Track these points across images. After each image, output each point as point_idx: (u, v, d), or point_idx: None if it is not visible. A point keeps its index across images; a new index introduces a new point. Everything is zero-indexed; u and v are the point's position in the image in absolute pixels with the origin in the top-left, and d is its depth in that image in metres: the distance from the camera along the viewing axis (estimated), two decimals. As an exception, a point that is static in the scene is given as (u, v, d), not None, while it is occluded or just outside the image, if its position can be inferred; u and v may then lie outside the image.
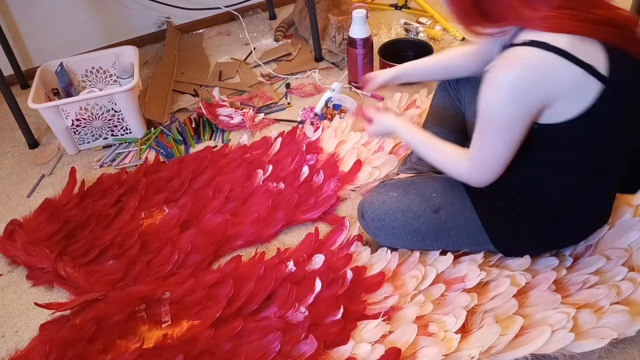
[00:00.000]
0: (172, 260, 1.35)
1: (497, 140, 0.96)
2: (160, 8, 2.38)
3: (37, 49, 2.25)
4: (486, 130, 0.96)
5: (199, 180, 1.61)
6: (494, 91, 0.90)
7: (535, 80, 0.86)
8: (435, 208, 1.18)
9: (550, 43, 0.85)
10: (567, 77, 0.86)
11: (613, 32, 0.87)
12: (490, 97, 0.91)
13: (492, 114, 0.93)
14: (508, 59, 0.88)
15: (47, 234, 1.45)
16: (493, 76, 0.90)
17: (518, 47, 0.88)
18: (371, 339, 1.12)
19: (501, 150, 0.97)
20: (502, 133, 0.94)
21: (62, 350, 1.15)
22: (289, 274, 1.28)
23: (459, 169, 1.07)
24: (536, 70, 0.86)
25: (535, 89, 0.87)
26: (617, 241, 1.22)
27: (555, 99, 0.89)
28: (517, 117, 0.91)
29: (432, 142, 1.13)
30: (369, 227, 1.26)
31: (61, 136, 1.77)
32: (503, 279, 1.17)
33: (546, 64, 0.86)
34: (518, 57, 0.87)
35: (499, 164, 0.99)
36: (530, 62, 0.86)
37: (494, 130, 0.95)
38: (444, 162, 1.11)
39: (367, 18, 1.84)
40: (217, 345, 1.14)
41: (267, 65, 2.18)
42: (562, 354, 1.05)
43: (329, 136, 1.72)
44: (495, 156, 0.98)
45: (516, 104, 0.89)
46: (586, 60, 0.85)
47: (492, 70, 0.91)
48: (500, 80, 0.88)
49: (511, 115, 0.91)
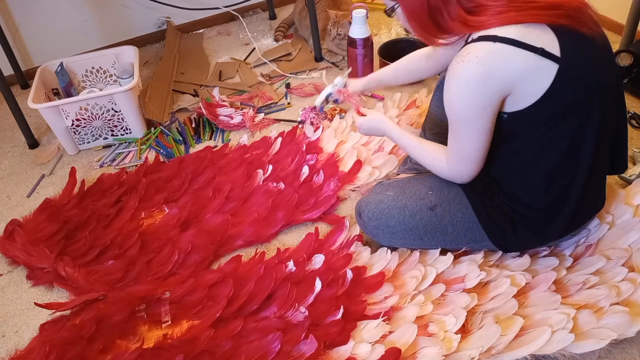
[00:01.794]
0: (172, 260, 1.35)
1: (466, 133, 1.01)
2: (160, 8, 2.38)
3: (37, 49, 2.25)
4: (455, 125, 1.02)
5: (199, 180, 1.61)
6: (452, 87, 0.97)
7: (488, 70, 0.92)
8: (431, 205, 1.18)
9: (498, 35, 0.91)
10: (518, 63, 0.91)
11: (560, 14, 0.91)
12: (451, 93, 0.98)
13: (455, 108, 0.99)
14: (461, 55, 0.95)
15: (47, 234, 1.45)
16: (450, 73, 0.97)
17: (470, 44, 0.95)
18: (371, 339, 1.12)
19: (473, 142, 1.02)
20: (469, 125, 1.00)
21: (62, 350, 1.15)
22: (289, 274, 1.28)
23: (441, 167, 1.13)
24: (487, 61, 0.92)
25: (490, 78, 0.93)
26: (617, 241, 1.22)
27: (513, 85, 0.94)
28: (478, 107, 0.96)
29: (417, 142, 1.19)
30: (366, 226, 1.27)
31: (61, 136, 1.77)
32: (503, 279, 1.17)
33: (496, 54, 0.91)
34: (470, 52, 0.93)
35: (474, 156, 1.04)
36: (481, 55, 0.92)
37: (461, 124, 1.01)
38: (429, 161, 1.17)
39: (367, 18, 1.84)
40: (217, 345, 1.14)
41: (269, 65, 2.18)
42: (562, 354, 1.05)
43: (329, 136, 1.72)
44: (468, 149, 1.03)
45: (475, 95, 0.95)
46: (537, 44, 0.91)
47: (450, 68, 0.98)
48: (456, 76, 0.95)
49: (473, 106, 0.96)
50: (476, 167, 1.06)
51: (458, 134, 1.03)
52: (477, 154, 1.04)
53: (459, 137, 1.03)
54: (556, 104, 0.96)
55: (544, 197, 1.08)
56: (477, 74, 0.93)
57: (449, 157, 1.09)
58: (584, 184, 1.07)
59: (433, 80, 1.96)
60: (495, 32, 0.92)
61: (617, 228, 1.24)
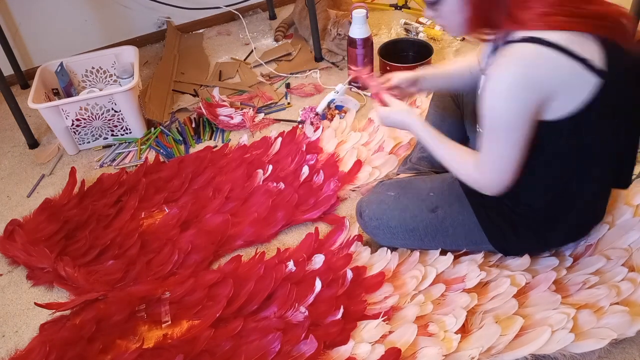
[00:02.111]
0: (172, 260, 1.35)
1: (505, 140, 0.94)
2: (160, 8, 2.38)
3: (37, 49, 2.25)
4: (492, 132, 0.95)
5: (199, 180, 1.61)
6: (496, 89, 0.90)
7: (535, 74, 0.87)
8: (432, 207, 1.18)
9: (547, 39, 0.86)
10: (564, 70, 0.87)
11: (606, 25, 0.88)
12: (493, 96, 0.91)
13: (496, 112, 0.92)
14: (506, 56, 0.88)
15: (47, 234, 1.45)
16: (493, 75, 0.90)
17: (515, 44, 0.88)
18: (371, 339, 1.12)
19: (509, 151, 0.94)
20: (508, 132, 0.93)
21: (62, 350, 1.15)
22: (289, 274, 1.28)
23: (469, 174, 1.04)
24: (535, 64, 0.87)
25: (535, 83, 0.87)
26: (617, 241, 1.22)
27: (555, 93, 0.89)
28: (520, 113, 0.90)
29: (445, 142, 1.10)
30: (366, 226, 1.27)
31: (61, 136, 1.77)
32: (503, 279, 1.17)
33: (544, 58, 0.86)
34: (516, 54, 0.88)
35: (509, 167, 0.96)
36: (529, 57, 0.87)
37: (500, 130, 0.93)
38: (456, 166, 1.08)
39: (367, 18, 1.84)
40: (217, 345, 1.14)
41: (268, 65, 2.18)
42: (562, 354, 1.05)
43: (329, 136, 1.72)
44: (503, 158, 0.96)
45: (518, 100, 0.89)
46: (582, 54, 0.86)
47: (491, 69, 0.91)
48: (501, 78, 0.88)
49: (514, 112, 0.90)
50: (509, 178, 0.98)
51: (495, 140, 0.95)
52: (513, 164, 0.96)
53: (496, 144, 0.95)
54: (589, 119, 0.92)
55: (544, 206, 1.07)
56: (524, 77, 0.87)
57: (480, 165, 1.00)
58: (592, 195, 1.07)
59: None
60: (541, 35, 0.86)
61: (617, 228, 1.24)
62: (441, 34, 2.24)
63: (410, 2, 2.51)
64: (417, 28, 2.27)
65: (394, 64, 1.93)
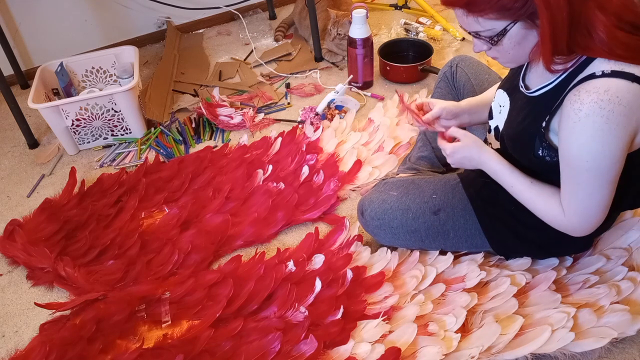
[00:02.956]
0: (172, 260, 1.35)
1: (598, 184, 0.88)
2: (160, 8, 2.38)
3: (37, 49, 2.25)
4: (581, 175, 0.88)
5: (199, 180, 1.61)
6: (587, 132, 0.83)
7: (629, 112, 0.82)
8: (435, 209, 1.18)
9: (635, 73, 0.81)
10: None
11: None
12: (584, 139, 0.84)
13: (587, 156, 0.85)
14: (594, 91, 0.82)
15: (47, 234, 1.45)
16: (580, 112, 0.83)
17: (601, 79, 0.82)
18: (371, 338, 1.12)
19: (602, 192, 0.89)
20: (600, 174, 0.87)
21: (62, 350, 1.15)
22: (289, 274, 1.27)
23: (556, 218, 0.98)
24: (628, 102, 0.81)
25: (629, 121, 0.82)
26: (617, 241, 1.22)
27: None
28: (615, 153, 0.85)
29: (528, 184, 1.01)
30: (368, 225, 1.27)
31: (61, 136, 1.77)
32: (503, 278, 1.17)
33: (636, 95, 0.81)
34: (606, 89, 0.81)
35: (601, 209, 0.91)
36: (621, 94, 0.81)
37: (591, 173, 0.87)
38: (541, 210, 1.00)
39: (367, 18, 1.84)
40: (217, 345, 1.14)
41: (268, 65, 2.18)
42: (562, 353, 1.05)
43: (329, 136, 1.72)
44: (595, 201, 0.90)
45: (611, 139, 0.83)
46: None
47: (575, 104, 0.84)
48: (593, 118, 0.82)
49: (609, 153, 0.84)
50: (600, 219, 0.93)
51: (587, 183, 0.88)
52: (605, 206, 0.91)
53: (588, 188, 0.88)
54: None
55: None
56: (619, 116, 0.81)
57: (569, 209, 0.94)
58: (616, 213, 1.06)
59: (432, 80, 1.96)
60: (630, 70, 0.81)
61: (617, 227, 1.24)
62: (441, 34, 2.24)
63: (410, 2, 2.51)
64: (417, 28, 2.27)
65: (394, 64, 1.93)
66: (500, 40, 0.88)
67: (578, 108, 0.83)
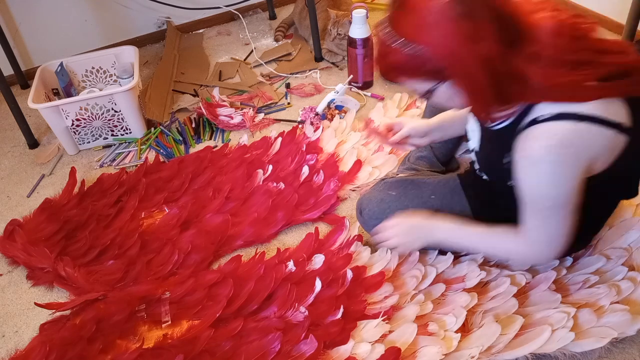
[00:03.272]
0: (172, 260, 1.35)
1: (558, 216, 0.91)
2: (160, 8, 2.38)
3: (37, 49, 2.25)
4: (542, 212, 0.92)
5: (199, 180, 1.61)
6: (540, 176, 0.86)
7: (577, 152, 0.84)
8: (433, 211, 1.18)
9: (580, 113, 0.82)
10: (603, 141, 0.85)
11: (628, 83, 0.84)
12: (538, 182, 0.87)
13: (546, 196, 0.88)
14: (541, 137, 0.84)
15: (47, 234, 1.45)
16: (531, 158, 0.85)
17: (547, 123, 0.84)
18: (371, 338, 1.12)
19: (563, 223, 0.92)
20: (560, 208, 0.90)
21: (62, 350, 1.15)
22: (289, 274, 1.27)
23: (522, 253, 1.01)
24: (574, 142, 0.83)
25: (579, 159, 0.85)
26: (617, 241, 1.21)
27: (595, 160, 0.87)
28: (571, 189, 0.88)
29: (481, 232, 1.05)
30: (366, 224, 1.27)
31: (61, 136, 1.77)
32: (503, 278, 1.17)
33: (582, 134, 0.83)
34: (553, 136, 0.83)
35: (563, 237, 0.95)
36: (567, 136, 0.82)
37: (552, 209, 0.90)
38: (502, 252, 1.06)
39: (367, 18, 1.84)
40: (217, 345, 1.14)
41: (268, 65, 2.18)
42: (562, 353, 1.05)
43: (329, 136, 1.72)
44: (559, 232, 0.94)
45: (567, 179, 0.86)
46: (615, 119, 0.84)
47: (525, 151, 0.86)
48: (543, 163, 0.84)
49: (564, 190, 0.87)
50: (565, 244, 0.96)
51: (549, 218, 0.92)
52: (567, 233, 0.94)
53: (550, 221, 0.92)
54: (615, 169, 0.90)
55: None
56: (568, 157, 0.83)
57: (534, 242, 0.97)
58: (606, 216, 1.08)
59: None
60: (574, 110, 0.82)
61: (617, 227, 1.24)
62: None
63: (410, 2, 2.51)
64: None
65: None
66: (431, 96, 0.90)
67: (527, 154, 0.86)
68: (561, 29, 0.82)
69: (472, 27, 0.78)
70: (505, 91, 0.83)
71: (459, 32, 0.78)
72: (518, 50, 0.81)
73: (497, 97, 0.84)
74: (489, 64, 0.79)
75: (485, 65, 0.80)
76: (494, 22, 0.78)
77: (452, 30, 0.79)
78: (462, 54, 0.79)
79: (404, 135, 1.23)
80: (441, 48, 0.80)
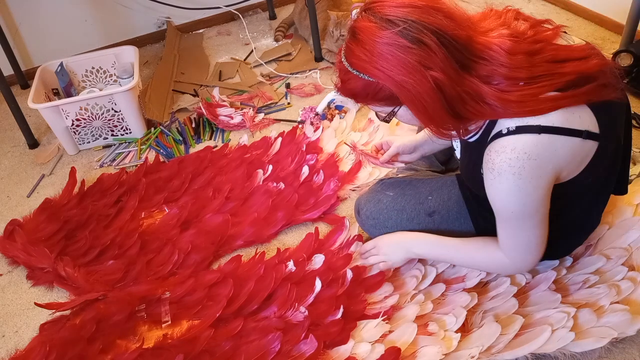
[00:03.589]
0: (172, 260, 1.35)
1: (530, 224, 0.93)
2: (160, 8, 2.38)
3: (37, 49, 2.25)
4: (511, 222, 0.94)
5: (199, 180, 1.61)
6: (504, 186, 0.87)
7: (540, 164, 0.84)
8: (430, 211, 1.18)
9: (539, 124, 0.83)
10: (567, 150, 0.85)
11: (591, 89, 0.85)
12: (503, 193, 0.88)
13: (512, 207, 0.90)
14: (504, 151, 0.85)
15: (47, 234, 1.45)
16: (496, 171, 0.86)
17: (507, 138, 0.85)
18: (371, 338, 1.12)
19: (537, 230, 0.94)
20: (530, 217, 0.91)
21: (62, 350, 1.15)
22: (289, 274, 1.27)
23: (501, 264, 1.03)
24: (536, 154, 0.83)
25: (544, 170, 0.86)
26: (617, 240, 1.21)
27: (561, 168, 0.88)
28: (538, 199, 0.89)
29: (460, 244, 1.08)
30: (363, 224, 1.27)
31: (61, 136, 1.77)
32: (503, 278, 1.17)
33: (545, 146, 0.84)
34: (515, 147, 0.84)
35: (540, 242, 0.96)
36: (529, 150, 0.83)
37: (523, 219, 0.92)
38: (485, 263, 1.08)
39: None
40: (217, 345, 1.14)
41: (268, 65, 2.18)
42: (562, 353, 1.05)
43: (329, 136, 1.72)
44: (534, 239, 0.95)
45: (532, 190, 0.87)
46: (580, 127, 0.85)
47: (489, 165, 0.87)
48: (506, 175, 0.85)
49: (531, 201, 0.88)
50: (542, 250, 0.98)
51: (519, 227, 0.94)
52: (542, 238, 0.96)
53: (521, 230, 0.94)
54: (591, 173, 0.91)
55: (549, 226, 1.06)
56: (531, 169, 0.84)
57: (510, 251, 0.99)
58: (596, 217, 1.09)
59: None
60: (534, 122, 0.83)
61: (617, 227, 1.24)
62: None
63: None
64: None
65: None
66: (392, 117, 0.93)
67: (491, 167, 0.87)
68: (516, 47, 0.83)
69: (421, 55, 0.80)
70: (460, 111, 0.85)
71: (406, 62, 0.80)
72: (471, 72, 0.82)
73: (452, 117, 0.85)
74: (440, 88, 0.81)
75: (436, 90, 0.81)
76: (442, 48, 0.80)
77: (400, 60, 0.81)
78: (412, 82, 0.81)
79: (393, 154, 1.26)
80: (389, 78, 0.82)
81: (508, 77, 0.83)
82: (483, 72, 0.83)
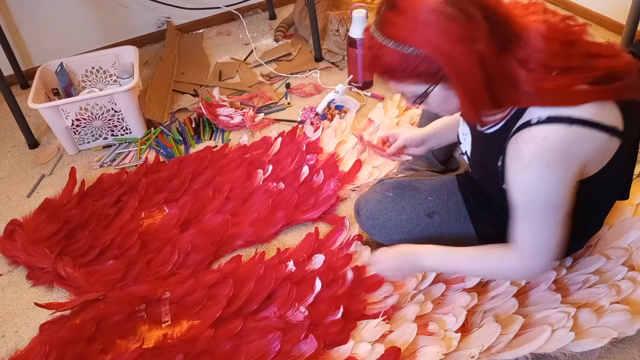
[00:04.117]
0: (172, 260, 1.35)
1: (549, 222, 0.89)
2: (160, 8, 2.38)
3: (37, 49, 2.25)
4: (534, 216, 0.89)
5: (199, 180, 1.61)
6: (532, 179, 0.84)
7: (568, 155, 0.83)
8: (429, 212, 1.18)
9: (571, 116, 0.81)
10: (595, 144, 0.84)
11: (620, 87, 0.83)
12: (529, 185, 0.85)
13: (536, 199, 0.86)
14: (532, 141, 0.83)
15: (47, 234, 1.45)
16: (522, 162, 0.84)
17: (537, 127, 0.83)
18: (371, 338, 1.12)
19: (554, 229, 0.90)
20: (551, 214, 0.88)
21: (62, 350, 1.15)
22: (289, 274, 1.28)
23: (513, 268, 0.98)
24: (566, 146, 0.82)
25: (570, 163, 0.84)
26: (617, 240, 1.22)
27: (587, 164, 0.87)
28: (564, 192, 0.86)
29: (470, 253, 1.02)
30: (363, 224, 1.27)
31: (61, 136, 1.77)
32: (503, 278, 1.18)
33: (573, 137, 0.81)
34: (545, 140, 0.81)
35: (554, 245, 0.92)
36: (559, 140, 0.81)
37: (543, 214, 0.88)
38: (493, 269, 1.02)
39: (367, 18, 1.84)
40: (217, 345, 1.14)
41: (268, 65, 2.18)
42: (562, 353, 1.05)
43: (329, 136, 1.72)
44: (549, 239, 0.91)
45: (558, 182, 0.85)
46: (608, 123, 0.83)
47: (516, 155, 0.85)
48: (536, 166, 0.83)
49: (555, 194, 0.86)
50: (555, 255, 0.93)
51: (541, 223, 0.89)
52: (557, 241, 0.92)
53: (543, 227, 0.90)
54: (606, 174, 0.90)
55: None
56: (561, 161, 0.82)
57: (524, 254, 0.94)
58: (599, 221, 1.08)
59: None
60: (565, 113, 0.81)
61: (617, 227, 1.24)
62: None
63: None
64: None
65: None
66: (424, 100, 0.88)
67: (519, 158, 0.84)
68: (552, 33, 0.82)
69: (467, 27, 0.77)
70: (498, 94, 0.82)
71: (453, 31, 0.77)
72: (509, 53, 0.80)
73: (490, 100, 0.83)
74: (484, 65, 0.79)
75: (481, 65, 0.78)
76: (487, 22, 0.78)
77: (447, 30, 0.77)
78: (458, 53, 0.78)
79: (400, 146, 1.23)
80: (436, 47, 0.78)
81: (543, 64, 0.81)
82: (520, 55, 0.81)
